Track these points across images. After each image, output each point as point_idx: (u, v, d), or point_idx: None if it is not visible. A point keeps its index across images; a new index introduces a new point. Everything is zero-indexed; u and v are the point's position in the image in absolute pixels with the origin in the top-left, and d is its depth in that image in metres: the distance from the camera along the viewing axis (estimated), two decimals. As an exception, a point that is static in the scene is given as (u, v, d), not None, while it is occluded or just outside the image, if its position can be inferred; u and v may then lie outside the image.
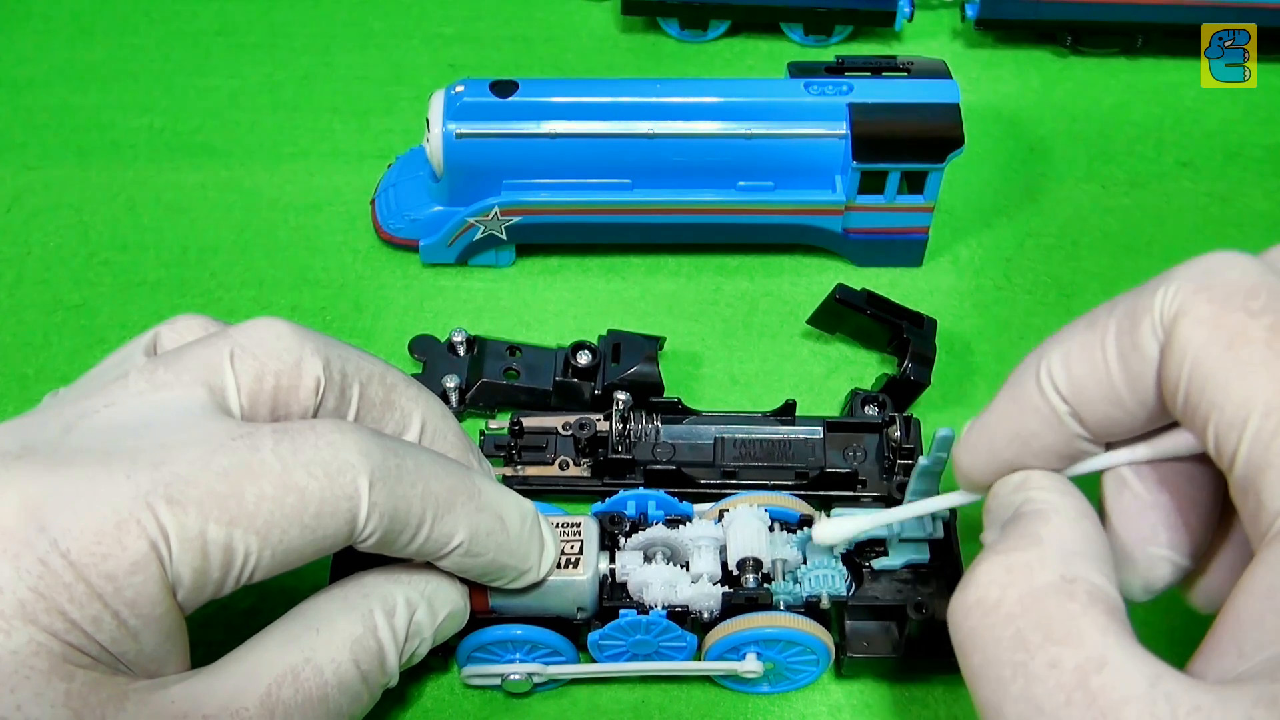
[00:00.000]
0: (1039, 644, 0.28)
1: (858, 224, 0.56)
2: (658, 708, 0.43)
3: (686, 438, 0.49)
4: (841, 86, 0.54)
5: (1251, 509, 0.28)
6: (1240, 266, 0.29)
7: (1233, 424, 0.28)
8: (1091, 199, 0.62)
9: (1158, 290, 0.30)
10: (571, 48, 0.70)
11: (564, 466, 0.49)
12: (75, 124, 0.65)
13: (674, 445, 0.49)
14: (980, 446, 0.34)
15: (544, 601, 0.41)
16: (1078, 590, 0.29)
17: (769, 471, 0.48)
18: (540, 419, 0.49)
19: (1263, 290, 0.28)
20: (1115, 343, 0.30)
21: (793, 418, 0.49)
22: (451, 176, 0.54)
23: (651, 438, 0.49)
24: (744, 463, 0.48)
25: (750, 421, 0.49)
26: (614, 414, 0.48)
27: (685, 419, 0.49)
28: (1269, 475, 0.27)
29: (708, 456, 0.49)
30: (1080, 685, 0.27)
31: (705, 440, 0.49)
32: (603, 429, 0.48)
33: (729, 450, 0.49)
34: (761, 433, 0.49)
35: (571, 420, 0.49)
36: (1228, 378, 0.28)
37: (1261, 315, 0.28)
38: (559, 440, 0.49)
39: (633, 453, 0.48)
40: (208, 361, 0.35)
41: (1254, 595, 0.27)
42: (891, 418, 0.48)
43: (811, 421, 0.49)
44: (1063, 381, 0.31)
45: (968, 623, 0.30)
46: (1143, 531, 0.32)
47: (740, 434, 0.49)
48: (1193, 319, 0.29)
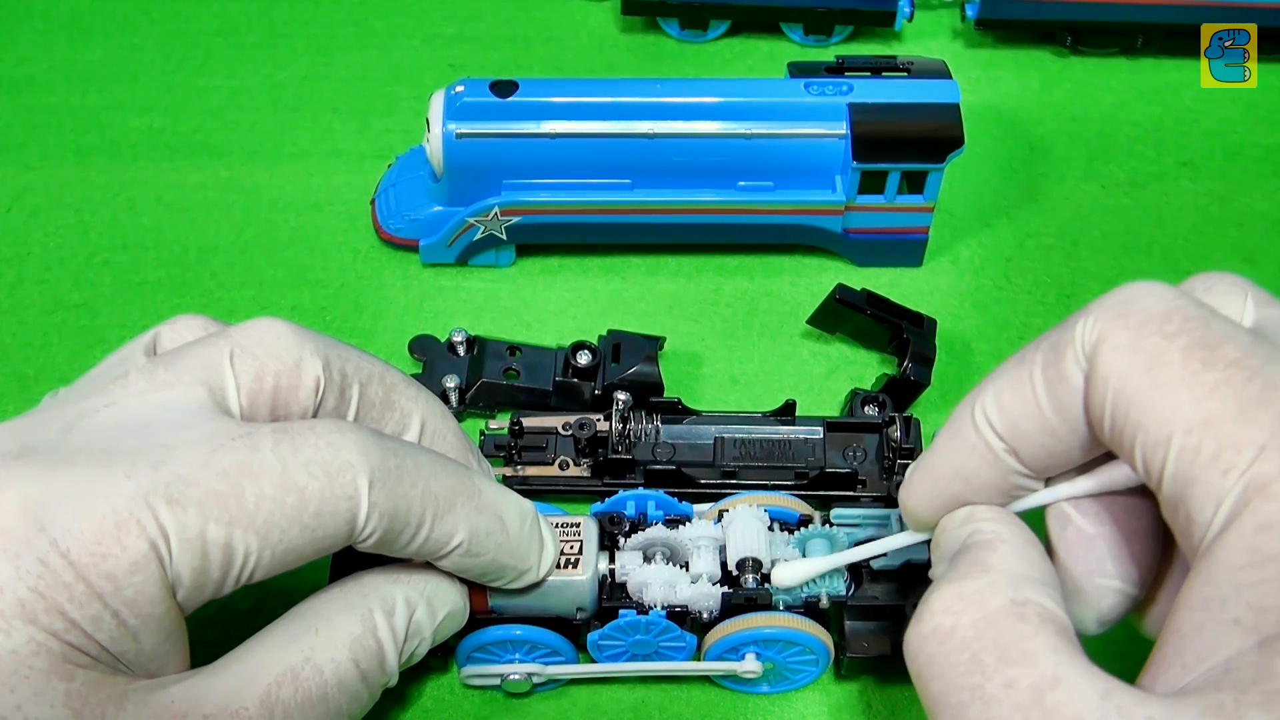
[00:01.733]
0: (994, 666, 0.29)
1: (858, 224, 0.56)
2: (657, 708, 0.43)
3: (686, 438, 0.49)
4: (841, 86, 0.54)
5: (1182, 524, 0.28)
6: (1155, 294, 0.30)
7: (1158, 443, 0.28)
8: (1091, 199, 0.62)
9: (1078, 322, 0.30)
10: (571, 48, 0.70)
11: (564, 467, 0.49)
12: (75, 124, 0.65)
13: (674, 445, 0.49)
14: (924, 487, 0.35)
15: (544, 602, 0.41)
16: (1028, 613, 0.29)
17: (769, 472, 0.48)
18: (540, 419, 0.49)
19: (1176, 315, 0.29)
20: (1042, 375, 0.31)
21: (793, 418, 0.49)
22: (451, 176, 0.54)
23: (651, 438, 0.49)
24: (744, 463, 0.48)
25: (750, 421, 0.49)
26: (614, 414, 0.48)
27: (685, 419, 0.49)
28: (1195, 489, 0.28)
29: (708, 456, 0.49)
30: (1036, 704, 0.27)
31: (705, 440, 0.49)
32: (603, 429, 0.48)
33: (729, 450, 0.49)
34: (761, 433, 0.49)
35: (571, 420, 0.48)
36: (1149, 400, 0.29)
37: (1176, 338, 0.29)
38: (559, 440, 0.49)
39: (633, 453, 0.48)
40: (207, 361, 0.35)
41: (1192, 608, 0.27)
42: (891, 418, 0.48)
43: (811, 421, 0.49)
44: (996, 418, 0.32)
45: (924, 651, 0.30)
46: (1089, 564, 0.33)
47: (740, 434, 0.49)
48: (1112, 345, 0.29)
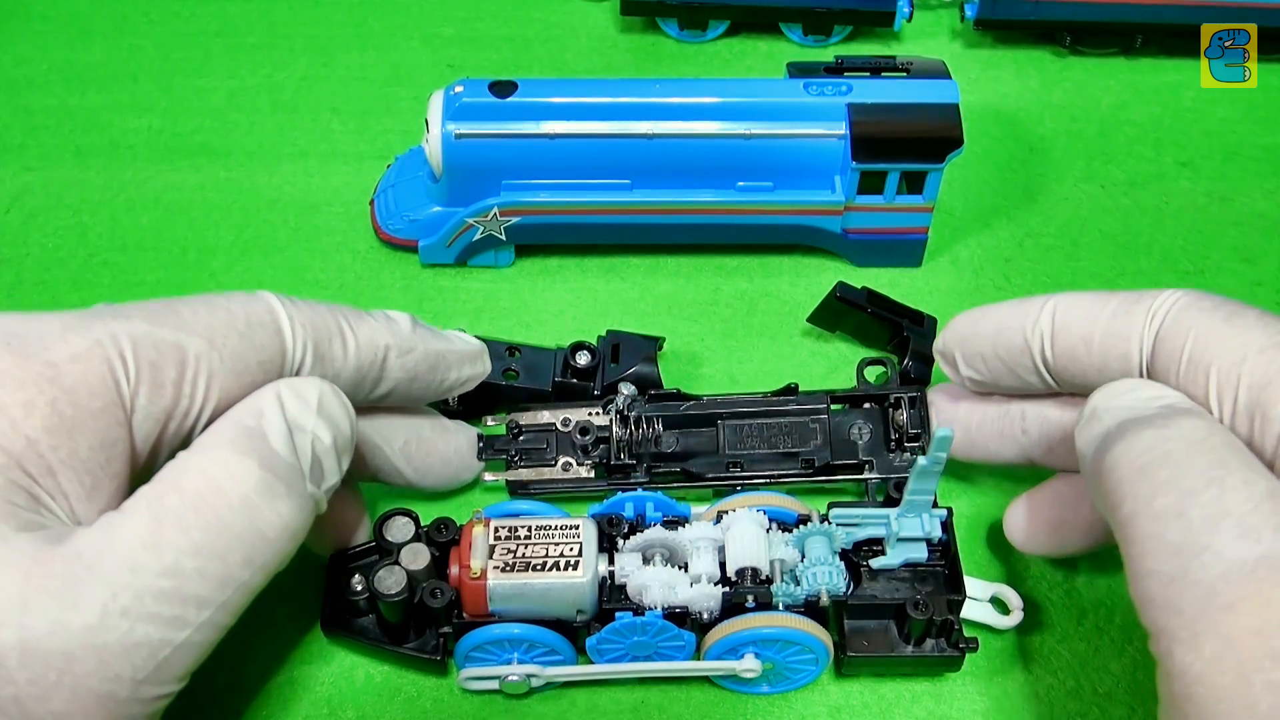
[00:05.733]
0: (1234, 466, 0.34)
1: (857, 224, 0.56)
2: (657, 708, 0.43)
3: (689, 427, 0.49)
4: (841, 87, 0.54)
5: (1259, 427, 0.35)
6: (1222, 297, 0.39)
7: (1232, 365, 0.36)
8: (1091, 199, 0.62)
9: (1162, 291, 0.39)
10: (571, 48, 0.70)
11: (566, 468, 0.48)
12: (74, 125, 0.65)
13: (677, 437, 0.49)
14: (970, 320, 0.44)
15: (544, 604, 0.41)
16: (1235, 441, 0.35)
17: (775, 459, 0.48)
18: (536, 414, 0.49)
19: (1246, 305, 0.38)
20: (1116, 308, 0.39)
21: (795, 395, 0.49)
22: (450, 177, 0.54)
23: (654, 433, 0.48)
24: (749, 449, 0.48)
25: (752, 404, 0.49)
26: (614, 410, 0.48)
27: (685, 405, 0.49)
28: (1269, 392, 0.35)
29: (712, 446, 0.48)
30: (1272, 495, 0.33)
31: (708, 430, 0.49)
32: (601, 425, 0.48)
33: (732, 437, 0.48)
34: (764, 418, 0.49)
35: (571, 417, 0.48)
36: (1226, 340, 0.36)
37: (1250, 309, 0.37)
38: (558, 438, 0.49)
39: (636, 451, 0.48)
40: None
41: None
42: (898, 398, 0.48)
43: (815, 398, 0.49)
44: (1062, 312, 0.40)
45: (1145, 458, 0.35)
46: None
47: (744, 421, 0.49)
48: (1196, 305, 0.38)
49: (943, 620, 0.42)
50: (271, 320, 0.38)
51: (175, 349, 0.35)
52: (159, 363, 0.34)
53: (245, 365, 0.37)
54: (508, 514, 0.44)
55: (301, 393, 0.37)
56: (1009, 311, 0.42)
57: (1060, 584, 0.47)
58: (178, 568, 0.32)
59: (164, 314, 0.36)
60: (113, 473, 0.34)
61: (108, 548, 0.32)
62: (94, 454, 0.33)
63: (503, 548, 0.41)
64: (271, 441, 0.36)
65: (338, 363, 0.39)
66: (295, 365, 0.38)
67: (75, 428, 0.33)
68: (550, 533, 0.42)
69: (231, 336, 0.36)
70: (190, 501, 0.33)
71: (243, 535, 0.34)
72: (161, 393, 0.35)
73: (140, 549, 0.32)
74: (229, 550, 0.34)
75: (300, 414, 0.37)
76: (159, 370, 0.35)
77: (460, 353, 0.44)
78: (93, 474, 0.33)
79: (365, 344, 0.40)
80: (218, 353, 0.36)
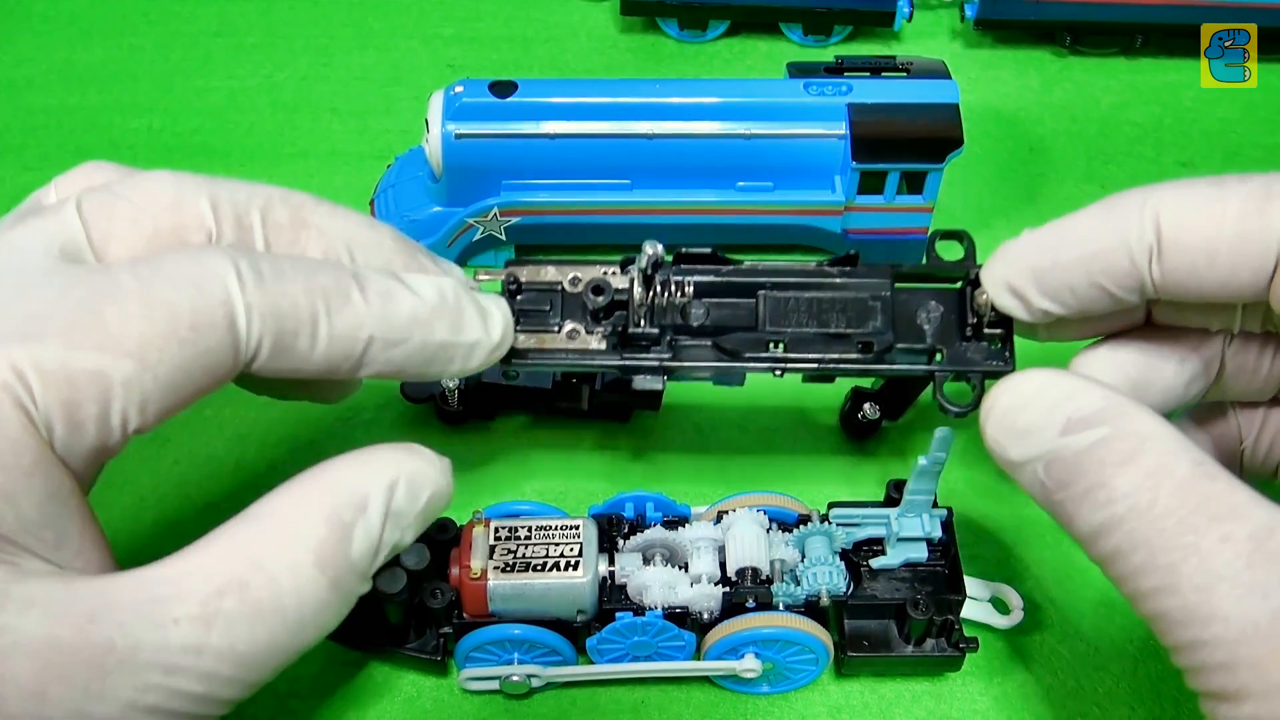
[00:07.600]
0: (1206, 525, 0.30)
1: (857, 224, 0.56)
2: (657, 708, 0.43)
3: (724, 296, 0.42)
4: (841, 87, 0.54)
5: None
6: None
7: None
8: (1091, 199, 0.61)
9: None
10: (571, 48, 0.70)
11: (573, 336, 0.41)
12: (74, 125, 0.65)
13: (708, 308, 0.42)
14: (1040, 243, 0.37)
15: (544, 604, 0.41)
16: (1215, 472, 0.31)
17: (824, 340, 0.41)
18: (540, 269, 0.42)
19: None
20: (1242, 204, 0.32)
21: (854, 267, 0.42)
22: (450, 177, 0.54)
23: (683, 299, 0.42)
24: (794, 325, 0.42)
25: (802, 272, 0.42)
26: (636, 270, 0.40)
27: (723, 271, 0.42)
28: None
29: (750, 320, 0.42)
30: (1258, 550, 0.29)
31: (745, 301, 0.42)
32: (620, 287, 0.41)
33: (774, 310, 0.42)
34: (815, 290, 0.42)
35: (582, 275, 0.42)
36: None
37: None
38: (564, 299, 0.42)
39: (659, 321, 0.41)
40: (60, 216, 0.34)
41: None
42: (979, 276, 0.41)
43: (879, 270, 0.42)
44: (1169, 217, 0.33)
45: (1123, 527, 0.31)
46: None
47: (790, 294, 0.42)
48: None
49: (943, 620, 0.42)
50: (224, 316, 0.32)
51: (94, 379, 0.30)
52: (75, 399, 0.30)
53: (188, 376, 0.32)
54: (508, 514, 0.44)
55: (417, 490, 0.34)
56: (1098, 228, 0.35)
57: (1060, 584, 0.47)
58: (215, 674, 0.30)
59: (88, 325, 0.30)
60: (71, 511, 0.31)
61: (146, 639, 0.29)
62: (45, 509, 0.30)
63: (503, 548, 0.41)
64: (354, 551, 0.33)
65: (298, 359, 0.34)
66: (246, 361, 0.33)
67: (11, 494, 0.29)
68: (550, 533, 0.42)
69: (170, 346, 0.31)
70: (249, 611, 0.31)
71: (286, 648, 0.32)
72: (82, 432, 0.30)
73: (181, 652, 0.30)
74: (269, 661, 0.31)
75: (404, 510, 0.34)
76: (75, 409, 0.30)
77: (469, 344, 0.37)
78: (52, 527, 0.30)
79: (341, 335, 0.34)
80: (150, 373, 0.31)
